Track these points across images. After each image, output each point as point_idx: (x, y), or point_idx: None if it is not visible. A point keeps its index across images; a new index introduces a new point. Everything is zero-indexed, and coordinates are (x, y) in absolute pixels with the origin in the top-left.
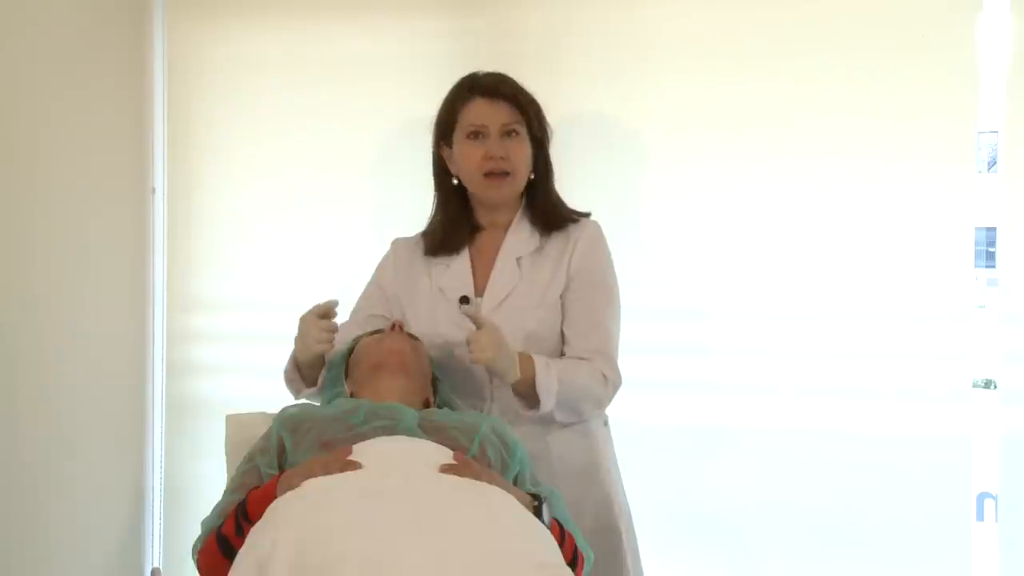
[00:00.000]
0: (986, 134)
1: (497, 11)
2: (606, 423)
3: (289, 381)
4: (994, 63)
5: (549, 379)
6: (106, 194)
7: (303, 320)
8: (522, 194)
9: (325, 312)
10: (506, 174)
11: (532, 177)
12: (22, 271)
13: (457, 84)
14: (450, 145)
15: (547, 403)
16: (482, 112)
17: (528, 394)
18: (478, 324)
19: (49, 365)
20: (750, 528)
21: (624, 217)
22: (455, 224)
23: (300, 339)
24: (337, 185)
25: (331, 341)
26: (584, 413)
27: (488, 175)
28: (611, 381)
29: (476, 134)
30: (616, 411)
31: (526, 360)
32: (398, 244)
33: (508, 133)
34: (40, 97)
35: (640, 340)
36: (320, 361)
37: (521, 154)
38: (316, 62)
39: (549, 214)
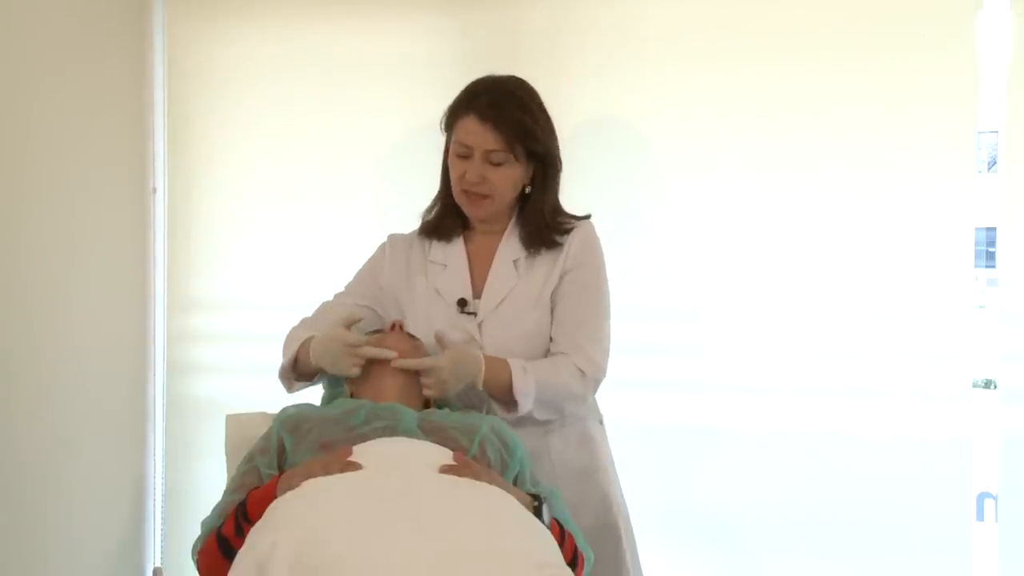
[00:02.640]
0: (986, 134)
1: (499, 8)
2: (601, 422)
3: (284, 378)
4: (994, 63)
5: (526, 384)
6: (106, 194)
7: (333, 340)
8: (515, 202)
9: (351, 325)
10: (482, 196)
11: (528, 191)
12: (22, 271)
13: (465, 89)
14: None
15: (524, 406)
16: (470, 132)
17: (505, 399)
18: (425, 367)
19: (49, 365)
20: (749, 528)
21: (624, 216)
22: (449, 213)
23: (331, 360)
24: (337, 184)
25: (362, 365)
26: (564, 410)
27: (465, 193)
28: (589, 376)
29: (461, 154)
30: (614, 411)
31: (502, 365)
32: (394, 239)
33: (491, 161)
34: (40, 96)
35: (641, 340)
36: None
37: (502, 180)
38: (316, 61)
39: (539, 231)
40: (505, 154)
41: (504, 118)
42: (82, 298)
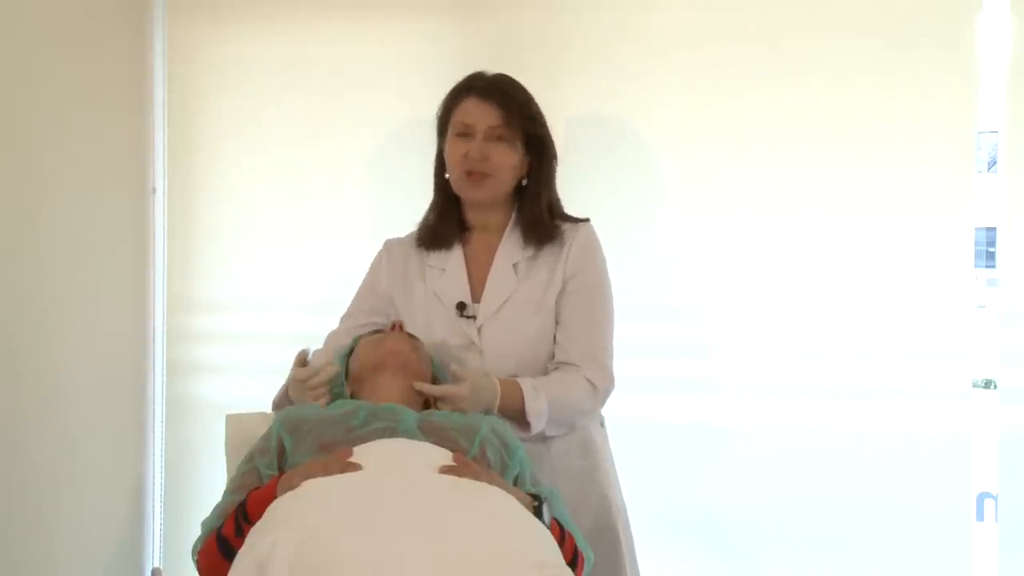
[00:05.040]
0: (986, 134)
1: (499, 13)
2: (602, 424)
3: (279, 408)
4: (994, 63)
5: (538, 405)
6: (106, 194)
7: (292, 383)
8: (514, 199)
9: (303, 364)
10: (485, 175)
11: (525, 184)
12: (22, 271)
13: (459, 82)
14: (445, 140)
15: (537, 426)
16: (472, 111)
17: (519, 419)
18: (447, 397)
19: (49, 365)
20: (748, 528)
21: (626, 219)
22: (446, 218)
23: (301, 401)
24: (337, 186)
25: (328, 394)
26: (575, 425)
27: (468, 174)
28: (600, 388)
29: (463, 133)
30: (615, 411)
31: (513, 387)
32: (391, 244)
33: (494, 137)
34: (40, 97)
35: (643, 341)
36: None
37: (504, 159)
38: (316, 63)
39: (538, 225)
40: (506, 130)
41: (506, 96)
42: (82, 298)
